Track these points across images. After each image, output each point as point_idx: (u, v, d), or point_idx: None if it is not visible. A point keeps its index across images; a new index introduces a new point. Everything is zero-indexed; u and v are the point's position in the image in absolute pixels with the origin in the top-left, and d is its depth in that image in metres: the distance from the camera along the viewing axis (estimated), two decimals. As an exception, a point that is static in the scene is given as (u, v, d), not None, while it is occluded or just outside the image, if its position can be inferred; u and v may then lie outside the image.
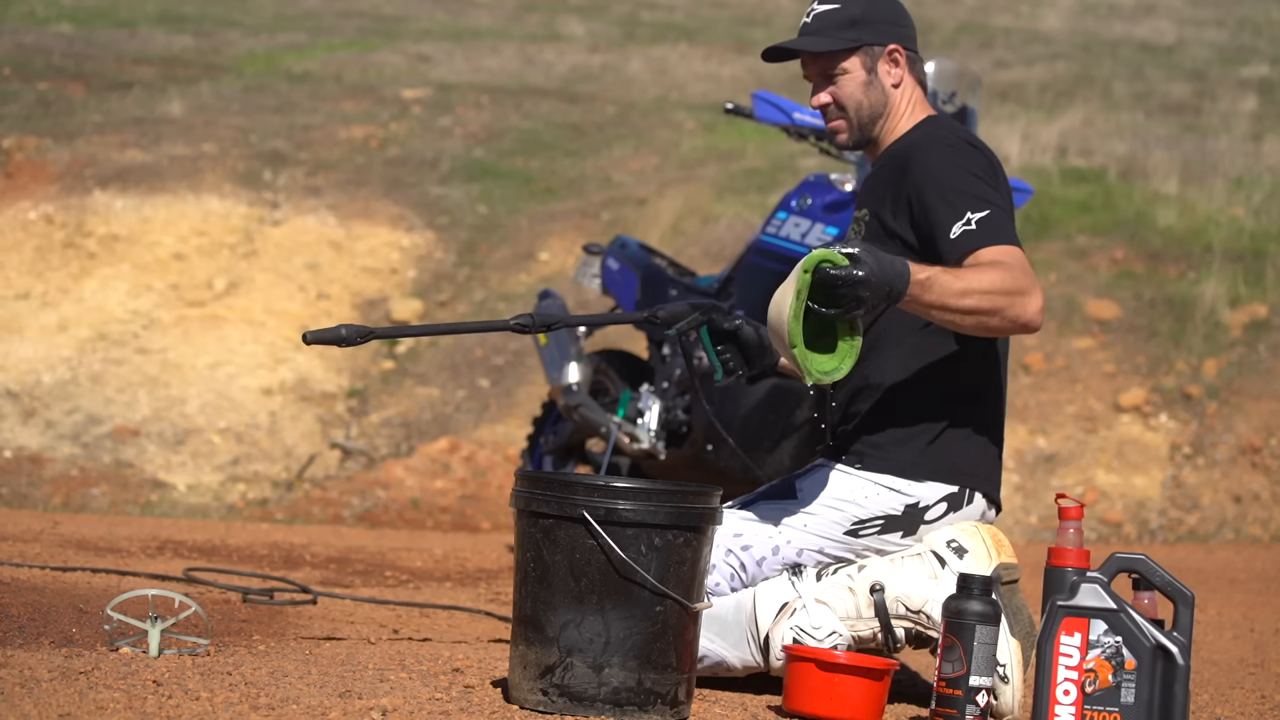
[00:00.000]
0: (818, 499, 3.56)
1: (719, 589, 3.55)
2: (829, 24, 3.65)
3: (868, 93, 3.65)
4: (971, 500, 3.59)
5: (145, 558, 5.38)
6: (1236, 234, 11.34)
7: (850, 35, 3.64)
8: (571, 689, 3.10)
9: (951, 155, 3.52)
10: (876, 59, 3.66)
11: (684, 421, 6.00)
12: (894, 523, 3.56)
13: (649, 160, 13.53)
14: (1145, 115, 14.51)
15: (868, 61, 3.65)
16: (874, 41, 3.65)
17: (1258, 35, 18.35)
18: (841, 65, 3.65)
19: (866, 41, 3.64)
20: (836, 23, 3.65)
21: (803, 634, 3.49)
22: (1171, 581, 3.21)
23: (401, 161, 13.36)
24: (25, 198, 12.32)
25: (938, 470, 3.56)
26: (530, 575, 3.15)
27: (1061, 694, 3.19)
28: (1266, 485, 9.21)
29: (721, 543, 3.55)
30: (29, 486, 9.56)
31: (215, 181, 12.59)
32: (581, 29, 18.29)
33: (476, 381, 10.73)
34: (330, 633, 3.96)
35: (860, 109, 3.66)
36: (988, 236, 3.41)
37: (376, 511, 9.24)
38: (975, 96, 5.97)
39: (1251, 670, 4.60)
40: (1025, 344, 10.40)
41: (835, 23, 3.65)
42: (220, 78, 15.33)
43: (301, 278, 11.66)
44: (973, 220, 3.43)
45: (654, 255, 6.51)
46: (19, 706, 2.80)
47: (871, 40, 3.65)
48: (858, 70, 3.65)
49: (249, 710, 2.91)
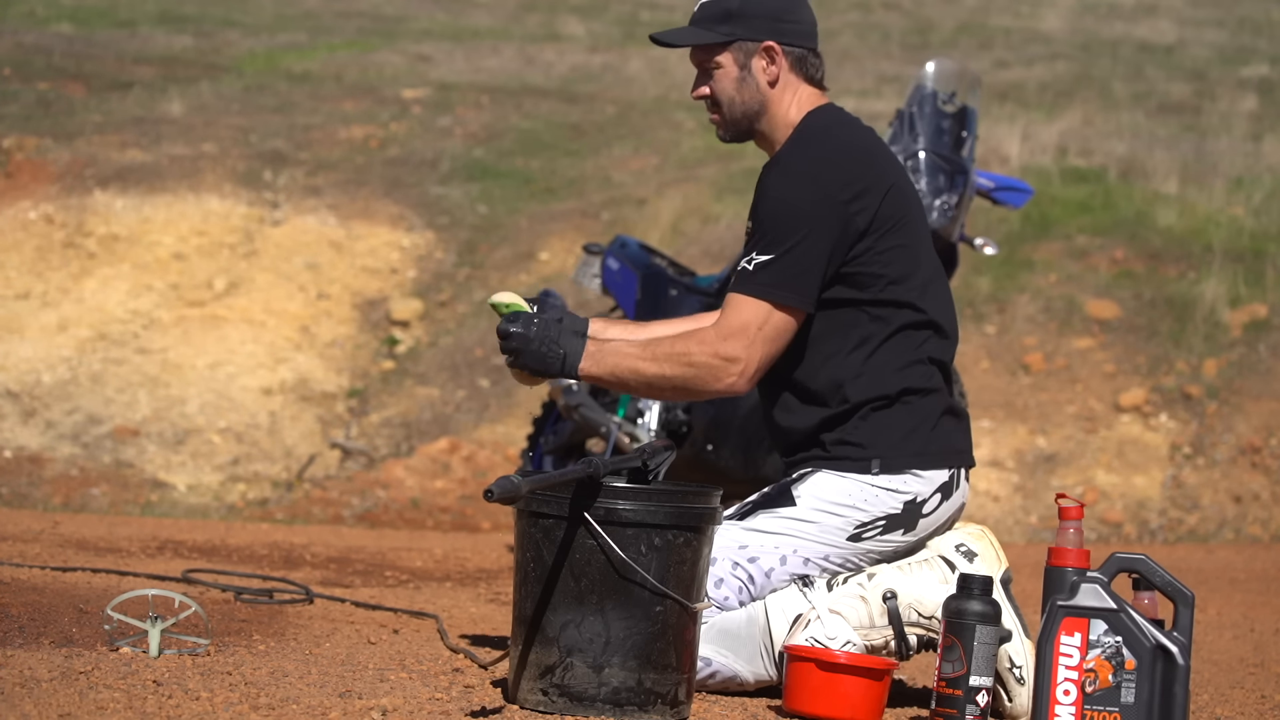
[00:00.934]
0: (819, 506, 3.53)
1: (728, 603, 3.51)
2: (707, 16, 3.60)
3: (740, 89, 3.60)
4: (958, 485, 3.58)
5: (145, 558, 5.38)
6: (1236, 234, 11.34)
7: (724, 29, 3.57)
8: (571, 689, 3.10)
9: (783, 183, 3.49)
10: (751, 55, 3.59)
11: (684, 421, 6.00)
12: (895, 521, 3.54)
13: (649, 160, 13.53)
14: (1145, 115, 14.51)
15: (740, 58, 3.59)
16: (747, 37, 3.58)
17: (1258, 35, 18.36)
18: (716, 59, 3.59)
19: (739, 37, 3.57)
20: (713, 15, 3.59)
21: (818, 645, 3.46)
22: (1171, 581, 3.21)
23: (401, 161, 13.36)
24: (25, 198, 12.33)
25: (939, 456, 3.55)
26: (530, 575, 3.15)
27: (1061, 694, 3.19)
28: (1266, 485, 9.21)
29: (727, 556, 3.51)
30: (29, 486, 9.56)
31: (215, 181, 12.60)
32: (581, 29, 18.29)
33: (476, 381, 10.74)
34: (330, 633, 3.96)
35: (732, 105, 3.61)
36: (750, 283, 3.45)
37: (376, 511, 9.24)
38: (975, 96, 5.98)
39: (1251, 670, 4.60)
40: (1025, 344, 10.40)
41: (712, 15, 3.59)
42: (220, 78, 15.33)
43: (301, 278, 11.66)
44: (753, 261, 3.46)
45: (654, 255, 6.51)
46: (19, 706, 2.80)
47: (745, 36, 3.57)
48: (730, 66, 3.59)
49: (249, 710, 2.91)
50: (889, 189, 3.53)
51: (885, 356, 3.53)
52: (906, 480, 3.53)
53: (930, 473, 3.54)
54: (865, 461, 3.52)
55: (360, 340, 11.28)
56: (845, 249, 3.47)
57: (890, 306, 3.52)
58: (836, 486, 3.53)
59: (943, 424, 3.57)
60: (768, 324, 3.44)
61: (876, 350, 3.53)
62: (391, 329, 11.40)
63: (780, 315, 3.44)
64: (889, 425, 3.52)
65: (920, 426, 3.54)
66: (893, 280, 3.52)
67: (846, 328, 3.52)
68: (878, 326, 3.53)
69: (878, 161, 3.56)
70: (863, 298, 3.51)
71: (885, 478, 3.53)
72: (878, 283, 3.50)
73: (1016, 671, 3.43)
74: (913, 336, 3.54)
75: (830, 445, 3.55)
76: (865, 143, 3.59)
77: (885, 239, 3.50)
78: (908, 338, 3.54)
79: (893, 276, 3.51)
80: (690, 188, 12.66)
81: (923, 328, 3.56)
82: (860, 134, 3.61)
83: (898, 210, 3.53)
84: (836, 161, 3.51)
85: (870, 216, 3.49)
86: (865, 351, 3.53)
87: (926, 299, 3.56)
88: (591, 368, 3.46)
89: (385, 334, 11.36)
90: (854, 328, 3.52)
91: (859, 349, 3.53)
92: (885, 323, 3.53)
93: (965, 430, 3.64)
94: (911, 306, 3.54)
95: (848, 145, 3.56)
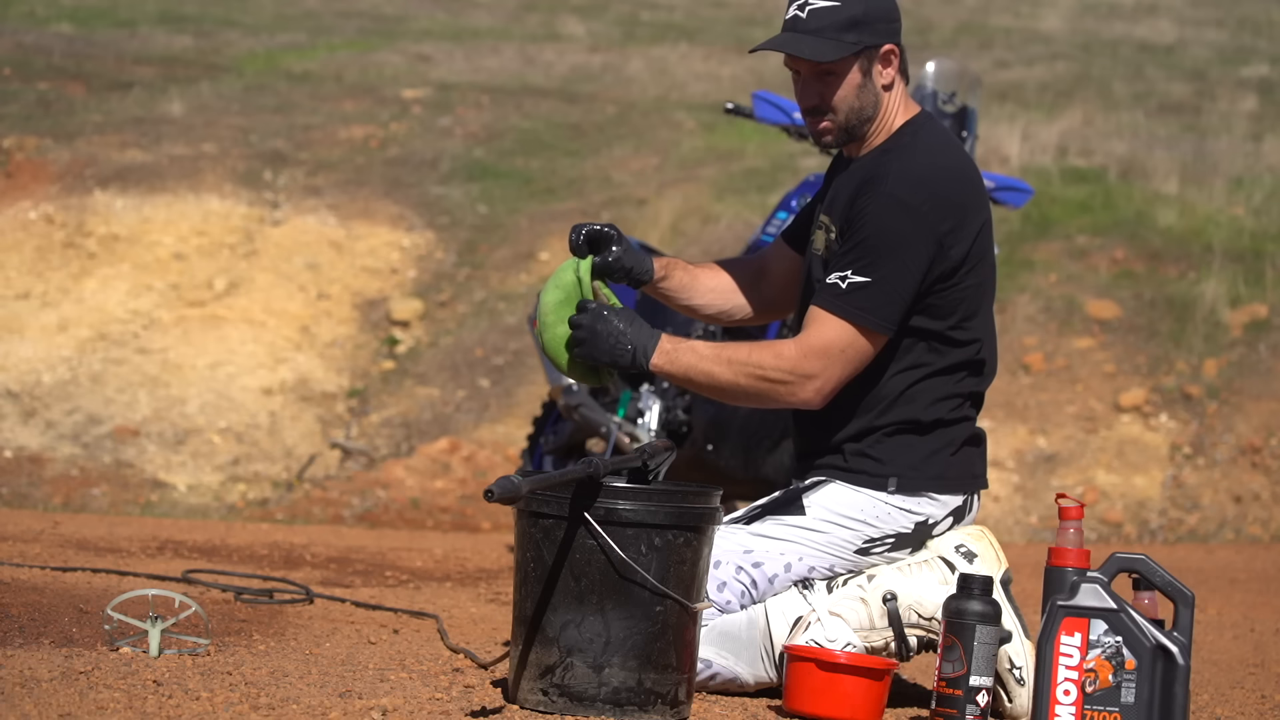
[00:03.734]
0: (829, 517, 3.51)
1: (730, 606, 3.50)
2: (828, 24, 3.45)
3: (860, 96, 3.50)
4: (971, 508, 3.58)
5: (145, 558, 5.38)
6: (1236, 234, 11.34)
7: (851, 38, 3.45)
8: (572, 689, 3.10)
9: (888, 211, 3.41)
10: (873, 61, 3.50)
11: (684, 421, 6.00)
12: (904, 540, 3.53)
13: (649, 160, 13.53)
14: (1145, 115, 14.51)
15: (865, 64, 3.49)
16: (874, 43, 3.49)
17: (1258, 35, 18.35)
18: (839, 67, 3.48)
19: (867, 44, 3.48)
20: (837, 23, 3.45)
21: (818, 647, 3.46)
22: (1171, 581, 3.21)
23: (401, 161, 13.36)
24: (25, 198, 12.32)
25: (957, 482, 3.54)
26: (530, 575, 3.15)
27: (1062, 694, 3.19)
28: (1266, 485, 9.21)
29: (732, 559, 3.50)
30: (29, 486, 9.56)
31: (215, 181, 12.59)
32: (581, 29, 18.28)
33: (476, 381, 10.73)
34: (330, 633, 3.96)
35: (852, 112, 3.51)
36: (839, 303, 3.40)
37: (376, 511, 9.24)
38: (975, 96, 5.98)
39: (1251, 670, 4.60)
40: (1025, 344, 10.40)
41: (835, 23, 3.45)
42: (220, 78, 15.32)
43: (301, 278, 11.66)
44: (847, 280, 3.40)
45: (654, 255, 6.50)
46: (19, 706, 2.80)
47: (871, 42, 3.48)
48: (855, 73, 3.49)
49: (249, 710, 2.91)
50: (984, 223, 3.51)
51: (929, 386, 3.51)
52: (921, 503, 3.52)
53: (946, 497, 3.53)
54: (882, 478, 3.50)
55: (360, 340, 11.28)
56: (934, 279, 3.44)
57: (954, 344, 3.50)
58: (849, 500, 3.51)
59: (964, 450, 3.56)
60: (851, 347, 3.40)
61: (924, 379, 3.51)
62: (391, 329, 11.40)
63: (866, 339, 3.41)
64: (912, 446, 3.50)
65: (942, 450, 3.52)
66: (965, 316, 3.50)
67: (903, 351, 3.49)
68: (933, 357, 3.50)
69: (977, 192, 3.53)
70: (933, 328, 3.48)
71: (900, 498, 3.51)
72: (952, 316, 3.48)
73: (1016, 672, 3.43)
74: (960, 372, 3.53)
75: (850, 456, 3.52)
76: (967, 170, 3.55)
77: (971, 275, 3.48)
78: (956, 373, 3.52)
79: (966, 313, 3.49)
80: (690, 188, 12.65)
81: (971, 365, 3.54)
82: (962, 159, 3.57)
83: (985, 245, 3.52)
84: (941, 190, 3.45)
85: (965, 251, 3.46)
86: (912, 377, 3.50)
87: (987, 338, 3.56)
88: (665, 365, 3.41)
89: (385, 334, 11.36)
90: (908, 352, 3.50)
91: (906, 373, 3.50)
92: (940, 355, 3.50)
93: (983, 454, 3.62)
94: (974, 344, 3.52)
95: (956, 174, 3.51)
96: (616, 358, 3.38)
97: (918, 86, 5.88)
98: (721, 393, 3.45)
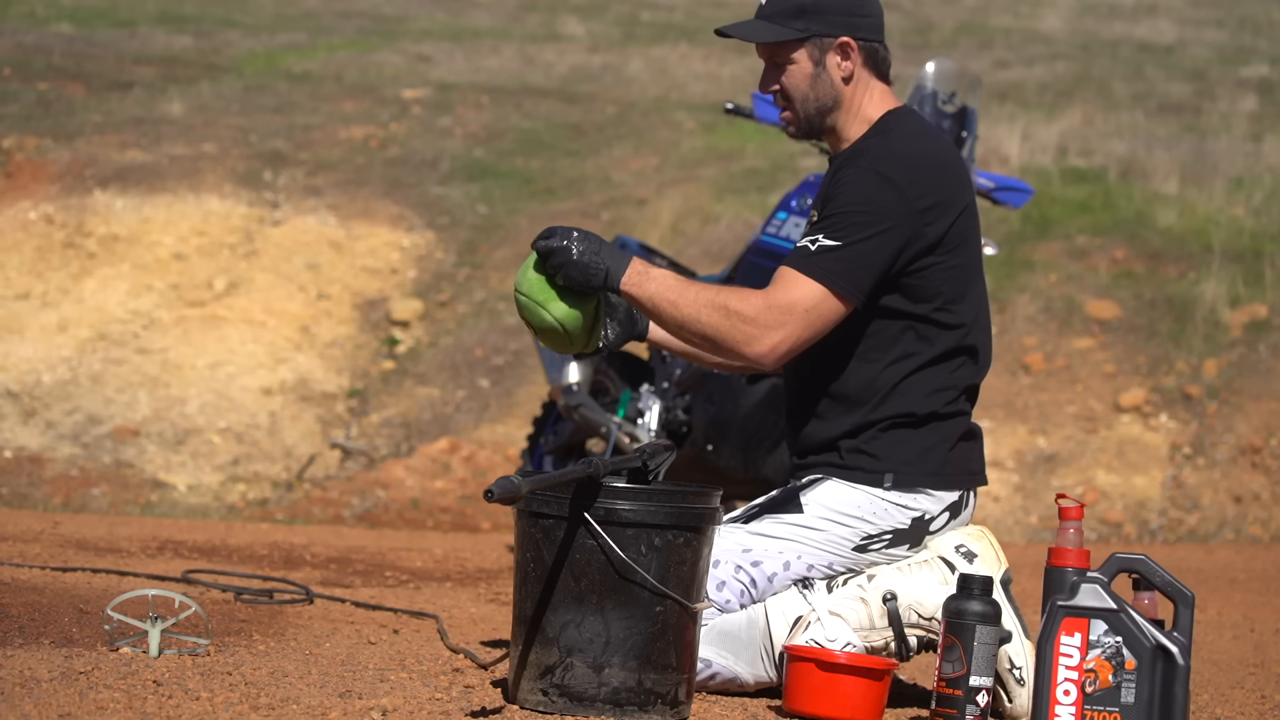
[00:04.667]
0: (826, 515, 3.51)
1: (729, 605, 3.50)
2: (779, 10, 3.54)
3: (814, 86, 3.54)
4: (968, 504, 3.59)
5: (145, 558, 5.38)
6: (1236, 234, 11.34)
7: (798, 25, 3.52)
8: (571, 689, 3.10)
9: (865, 181, 3.43)
10: (825, 51, 3.53)
11: (684, 421, 6.00)
12: (901, 536, 3.53)
13: (649, 160, 13.53)
14: (1145, 115, 14.51)
15: (815, 53, 3.53)
16: (823, 33, 3.52)
17: (1258, 35, 18.36)
18: (789, 55, 3.54)
19: (814, 33, 3.52)
20: (786, 10, 3.53)
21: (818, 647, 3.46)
22: (1171, 581, 3.21)
23: (401, 161, 13.36)
24: (25, 198, 12.33)
25: (953, 477, 3.54)
26: (530, 575, 3.15)
27: (1062, 694, 3.19)
28: (1266, 485, 9.21)
29: (730, 559, 3.50)
30: (29, 486, 9.56)
31: (215, 181, 12.60)
32: (581, 29, 18.29)
33: (476, 381, 10.74)
34: (330, 633, 3.96)
35: (806, 101, 3.55)
36: (806, 263, 3.40)
37: (376, 511, 9.24)
38: (975, 96, 5.97)
39: (1251, 670, 4.60)
40: (1025, 344, 10.40)
41: (785, 10, 3.53)
42: (220, 78, 15.33)
43: (301, 278, 11.66)
44: (817, 243, 3.41)
45: (654, 255, 6.50)
46: (19, 706, 2.80)
47: (820, 31, 3.52)
48: (804, 62, 3.54)
49: (249, 710, 2.91)
50: (964, 208, 3.51)
51: (922, 378, 3.51)
52: (918, 498, 3.52)
53: (942, 493, 3.53)
54: (878, 474, 3.51)
55: (360, 340, 11.29)
56: (910, 257, 3.44)
57: (940, 327, 3.49)
58: (846, 497, 3.52)
59: (960, 445, 3.56)
60: (815, 307, 3.39)
61: (916, 371, 3.50)
62: (391, 329, 11.40)
63: (830, 302, 3.40)
64: (907, 441, 3.51)
65: (938, 446, 3.52)
66: (949, 300, 3.49)
67: (891, 341, 3.50)
68: (922, 346, 3.50)
69: (959, 177, 3.53)
70: (916, 312, 3.48)
71: (897, 493, 3.51)
72: (935, 299, 3.48)
73: (1016, 672, 3.43)
74: (953, 362, 3.52)
75: (845, 453, 3.53)
76: (949, 156, 3.55)
77: (951, 256, 3.48)
78: (948, 362, 3.52)
79: (949, 296, 3.49)
80: (690, 188, 12.66)
81: (964, 354, 3.54)
82: (944, 146, 3.58)
83: (966, 230, 3.51)
84: (921, 169, 3.47)
85: (942, 231, 3.46)
86: (904, 369, 3.50)
87: (975, 325, 3.55)
88: (633, 289, 3.38)
89: (385, 334, 11.36)
90: (898, 343, 3.50)
91: (898, 364, 3.50)
92: (930, 344, 3.50)
93: (980, 450, 3.62)
94: (961, 329, 3.51)
95: (934, 155, 3.52)
96: (590, 276, 3.34)
97: (917, 86, 5.88)
98: (681, 326, 3.40)
